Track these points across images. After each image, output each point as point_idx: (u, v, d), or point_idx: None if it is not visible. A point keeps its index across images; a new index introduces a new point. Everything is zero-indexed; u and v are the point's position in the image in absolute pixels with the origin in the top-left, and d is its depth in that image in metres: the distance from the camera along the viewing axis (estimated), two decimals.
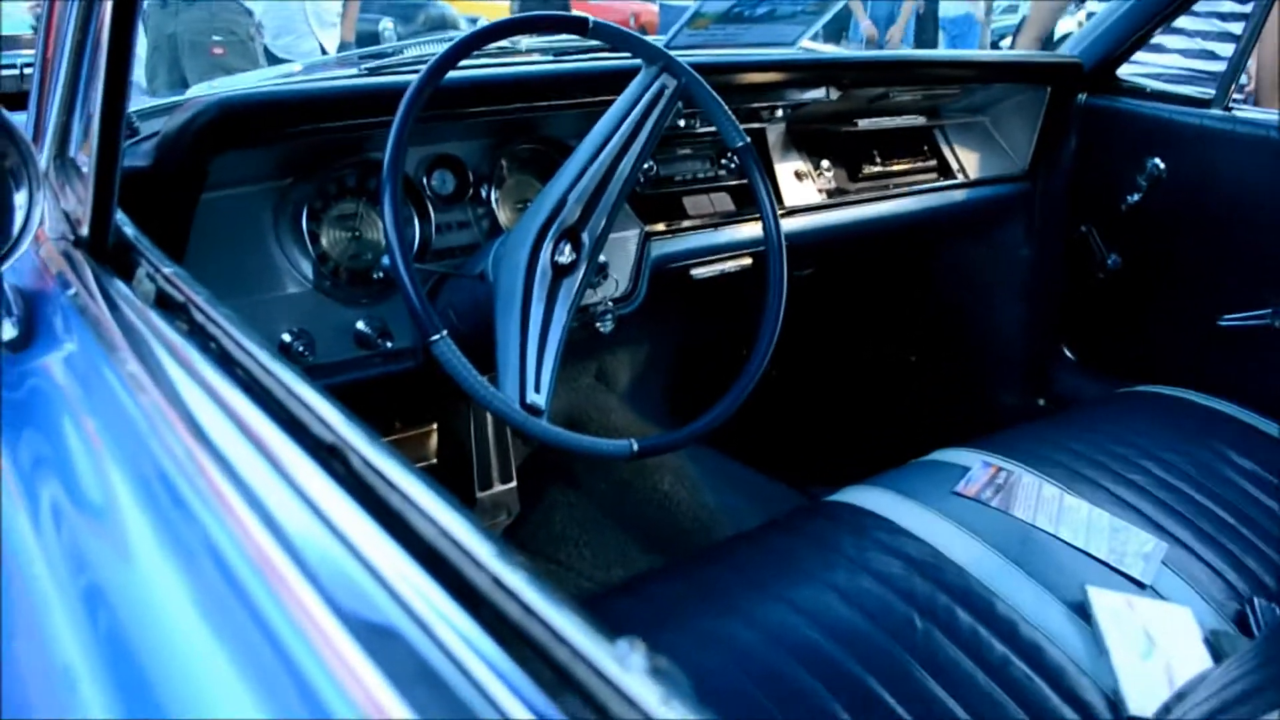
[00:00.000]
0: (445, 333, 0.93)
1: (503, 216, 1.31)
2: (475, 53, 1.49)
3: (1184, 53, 2.39)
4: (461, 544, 0.40)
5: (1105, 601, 1.07)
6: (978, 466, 1.29)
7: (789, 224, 1.57)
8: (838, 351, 2.22)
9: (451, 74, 1.23)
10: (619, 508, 1.76)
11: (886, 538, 1.13)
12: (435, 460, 1.65)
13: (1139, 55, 1.93)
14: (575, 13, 1.10)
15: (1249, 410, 1.55)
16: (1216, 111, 1.75)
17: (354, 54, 1.79)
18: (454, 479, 1.64)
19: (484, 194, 1.30)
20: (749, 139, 1.16)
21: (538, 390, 0.99)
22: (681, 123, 1.42)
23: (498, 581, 0.37)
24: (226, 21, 3.26)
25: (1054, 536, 1.17)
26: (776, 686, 0.94)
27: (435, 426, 1.64)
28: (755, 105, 1.53)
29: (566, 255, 1.07)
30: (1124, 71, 1.89)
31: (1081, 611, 1.07)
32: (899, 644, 0.99)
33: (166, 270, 0.71)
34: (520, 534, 1.70)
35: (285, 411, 0.52)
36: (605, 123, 1.10)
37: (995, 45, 6.48)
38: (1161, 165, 1.77)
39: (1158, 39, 2.07)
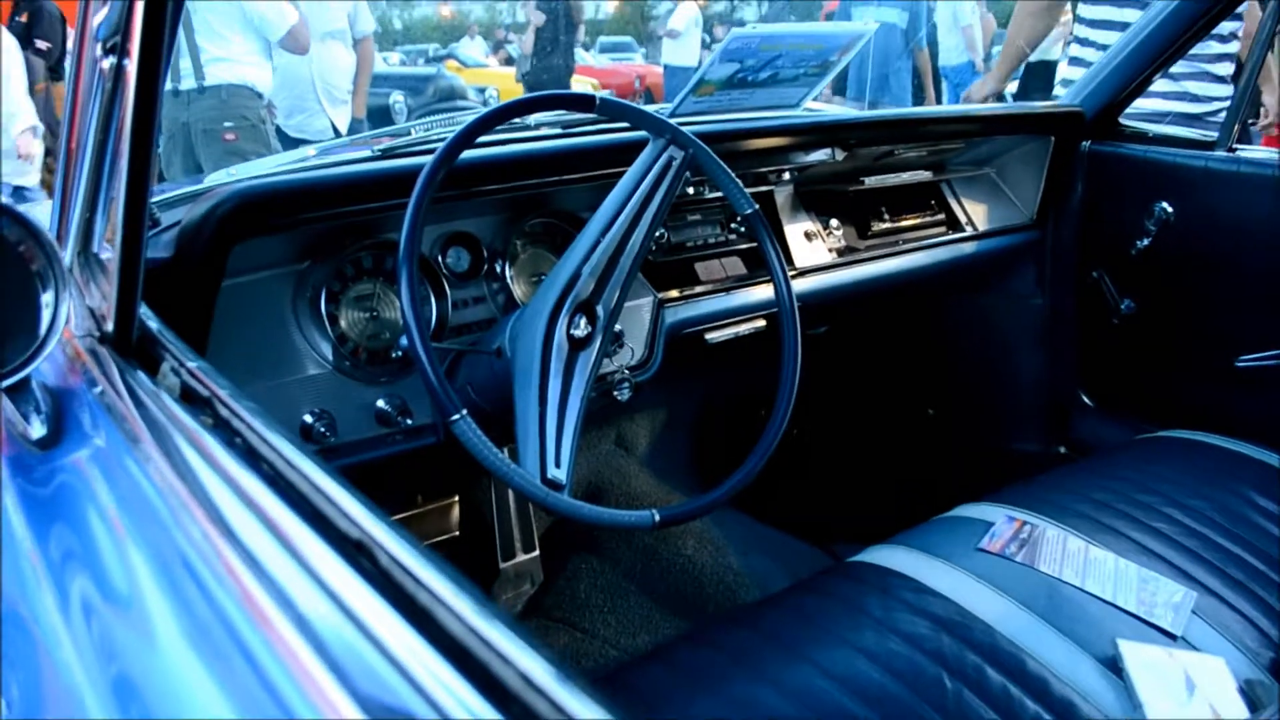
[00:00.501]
0: (465, 412, 0.94)
1: (518, 291, 1.33)
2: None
3: (1164, 95, 2.41)
4: (489, 640, 0.40)
5: (1137, 655, 1.06)
6: (1001, 521, 1.28)
7: (801, 284, 1.58)
8: (857, 408, 2.22)
9: (493, 151, 1.26)
10: (644, 574, 1.75)
11: (913, 597, 1.13)
12: (458, 532, 1.66)
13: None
14: (583, 90, 1.12)
15: (1271, 451, 1.54)
16: (1220, 153, 1.76)
17: (367, 135, 1.83)
18: (477, 550, 1.64)
19: (499, 269, 1.32)
20: (757, 205, 1.18)
21: (558, 465, 1.00)
22: (690, 190, 1.44)
23: (526, 678, 0.38)
24: (237, 107, 3.32)
25: (1081, 590, 1.16)
26: None
27: (457, 499, 1.65)
28: (762, 169, 1.55)
29: (582, 329, 1.08)
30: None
31: (1113, 666, 1.06)
32: (929, 705, 0.98)
33: (191, 364, 0.73)
34: (545, 603, 1.70)
35: (311, 506, 0.53)
36: (616, 196, 1.11)
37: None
38: (1169, 209, 1.77)
39: None
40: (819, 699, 0.98)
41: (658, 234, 1.45)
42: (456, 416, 0.93)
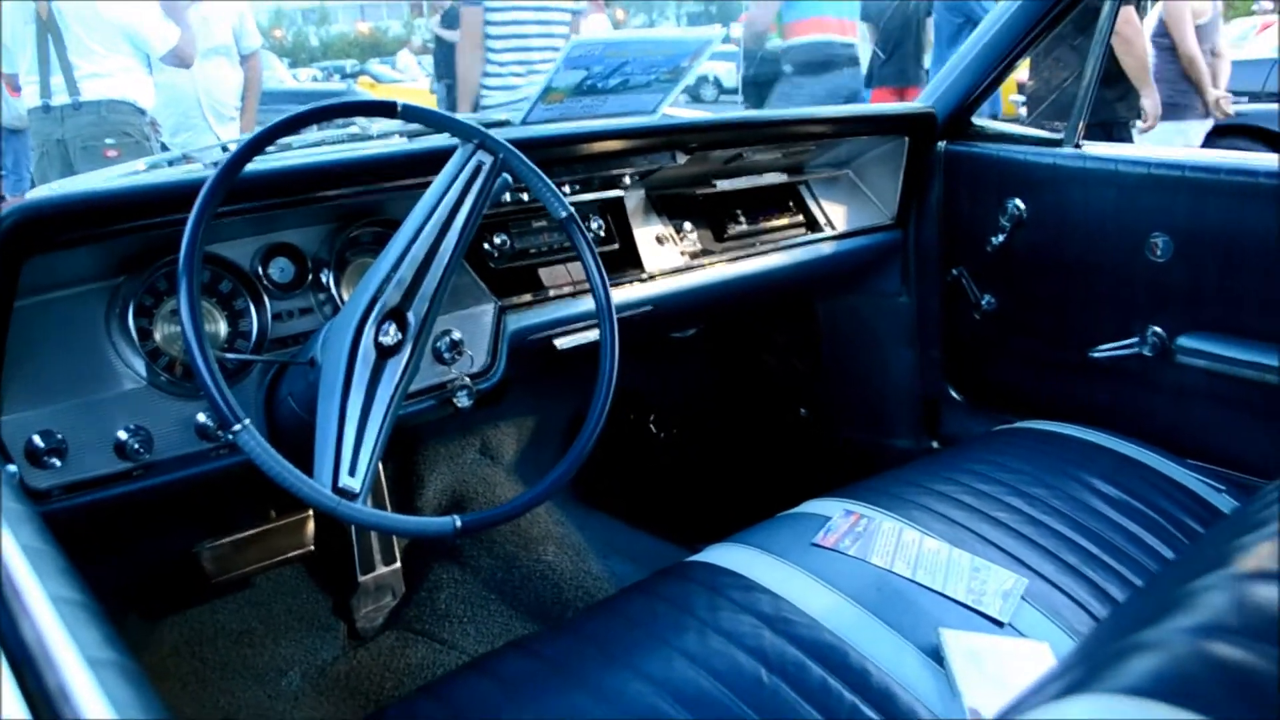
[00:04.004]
0: (248, 421, 0.92)
1: (345, 301, 1.31)
2: (320, 140, 1.51)
3: None
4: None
5: (958, 643, 1.07)
6: (838, 516, 1.29)
7: (655, 288, 1.58)
8: (729, 409, 2.23)
9: (286, 162, 1.24)
10: (504, 582, 1.73)
11: (740, 595, 1.12)
12: (313, 546, 1.62)
13: None
14: (385, 98, 1.10)
15: (1124, 439, 1.57)
16: (1067, 150, 1.81)
17: (218, 145, 1.79)
18: (335, 564, 1.61)
19: (324, 279, 1.29)
20: (572, 210, 1.17)
21: (352, 474, 0.98)
22: (525, 196, 1.43)
23: None
24: (117, 124, 3.24)
25: (912, 581, 1.17)
26: None
27: (312, 513, 1.62)
28: (608, 173, 1.55)
29: (391, 336, 1.07)
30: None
31: (936, 655, 1.06)
32: (744, 703, 0.97)
33: None
34: (406, 615, 1.67)
35: None
36: (424, 203, 1.10)
37: None
38: (1021, 205, 1.81)
39: None
40: (634, 704, 0.97)
41: (500, 240, 1.43)
42: (238, 427, 0.91)
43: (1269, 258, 1.53)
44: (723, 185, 1.68)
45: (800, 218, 1.82)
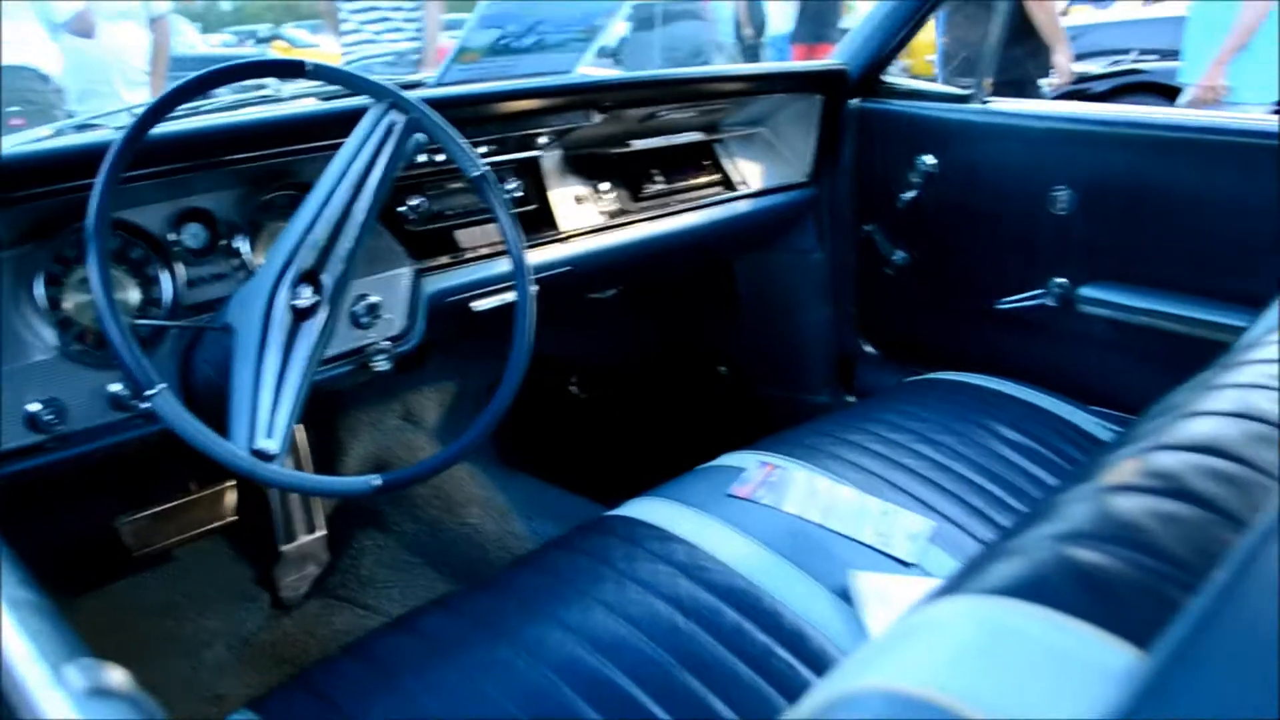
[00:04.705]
0: (163, 386, 0.91)
1: (259, 266, 1.30)
2: (235, 103, 1.49)
3: None
4: None
5: (866, 584, 1.11)
6: (753, 467, 1.32)
7: (572, 248, 1.59)
8: (649, 369, 2.25)
9: (194, 124, 1.22)
10: (429, 546, 1.74)
11: (657, 546, 1.15)
12: (236, 517, 1.61)
13: None
14: (293, 57, 1.10)
15: (1030, 387, 1.63)
16: (975, 106, 1.85)
17: (125, 110, 1.74)
18: (256, 535, 1.60)
19: (237, 245, 1.28)
20: (485, 169, 1.17)
21: (270, 435, 0.98)
22: (441, 157, 1.43)
23: None
24: (21, 90, 3.14)
25: (823, 527, 1.21)
26: (539, 705, 0.94)
27: (234, 483, 1.61)
28: (524, 134, 1.55)
29: (306, 299, 1.07)
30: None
31: (846, 596, 1.10)
32: (662, 647, 1.00)
33: None
34: (330, 583, 1.67)
35: None
36: (336, 165, 1.10)
37: None
38: (932, 161, 1.85)
39: None
40: (554, 653, 1.00)
41: (416, 202, 1.43)
42: (152, 391, 0.91)
43: (1166, 209, 1.59)
44: (638, 145, 1.69)
45: (716, 176, 1.84)
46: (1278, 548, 0.41)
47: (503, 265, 1.50)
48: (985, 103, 1.85)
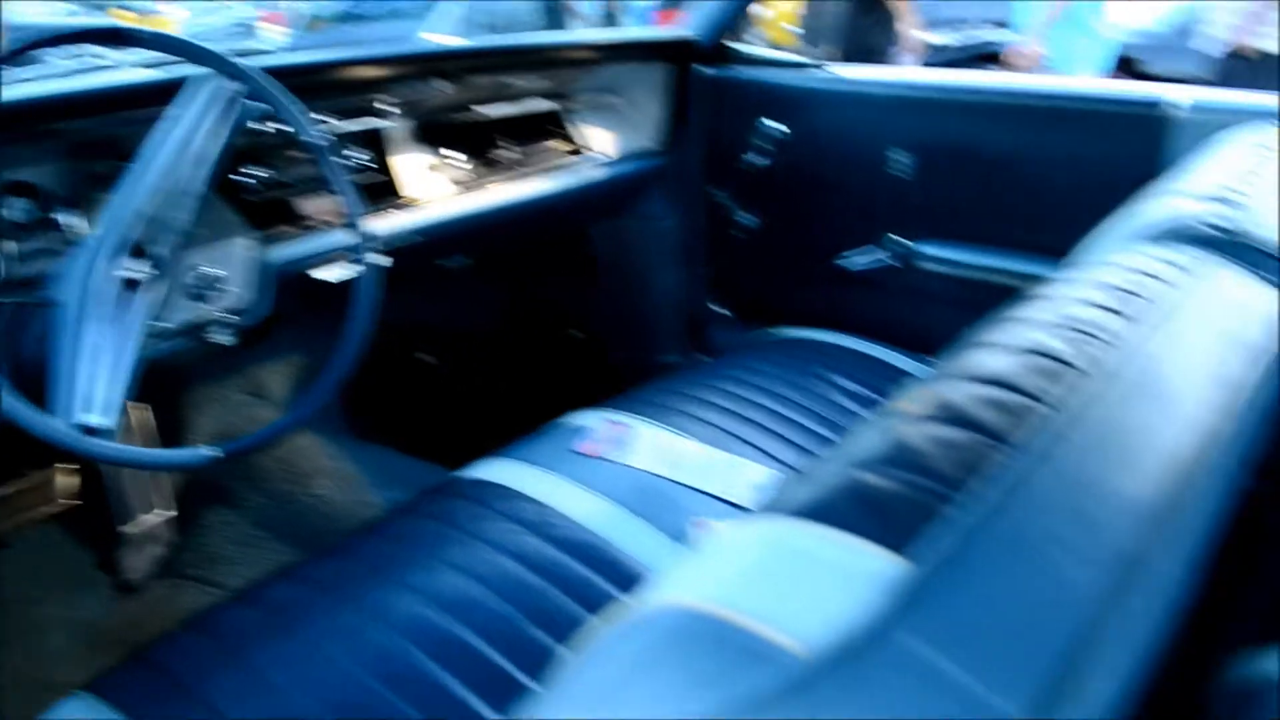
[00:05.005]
0: None
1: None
2: (62, 70, 1.42)
3: None
4: None
5: (707, 531, 1.15)
6: (600, 425, 1.35)
7: (421, 216, 1.57)
8: (503, 335, 2.26)
9: (12, 93, 1.15)
10: (277, 519, 1.72)
11: (503, 505, 1.17)
12: (78, 502, 1.56)
13: None
14: (111, 23, 1.06)
15: (871, 341, 1.70)
16: (821, 73, 1.91)
17: None
18: (96, 518, 1.55)
19: (62, 219, 1.23)
20: (323, 136, 1.15)
21: (97, 409, 0.95)
22: (286, 126, 1.40)
23: None
24: None
25: (669, 480, 1.24)
26: (387, 667, 0.95)
27: (77, 467, 1.55)
28: (370, 102, 1.52)
29: (133, 271, 1.04)
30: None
31: (687, 544, 1.14)
32: (510, 604, 1.02)
33: None
34: (178, 563, 1.63)
35: None
36: (159, 134, 1.07)
37: None
38: (778, 127, 1.90)
39: None
40: (402, 615, 1.00)
41: (257, 171, 1.39)
42: None
43: (996, 170, 1.68)
44: (488, 112, 1.68)
45: (567, 144, 1.85)
46: (1047, 471, 0.45)
47: (348, 235, 1.48)
48: (829, 70, 1.91)
